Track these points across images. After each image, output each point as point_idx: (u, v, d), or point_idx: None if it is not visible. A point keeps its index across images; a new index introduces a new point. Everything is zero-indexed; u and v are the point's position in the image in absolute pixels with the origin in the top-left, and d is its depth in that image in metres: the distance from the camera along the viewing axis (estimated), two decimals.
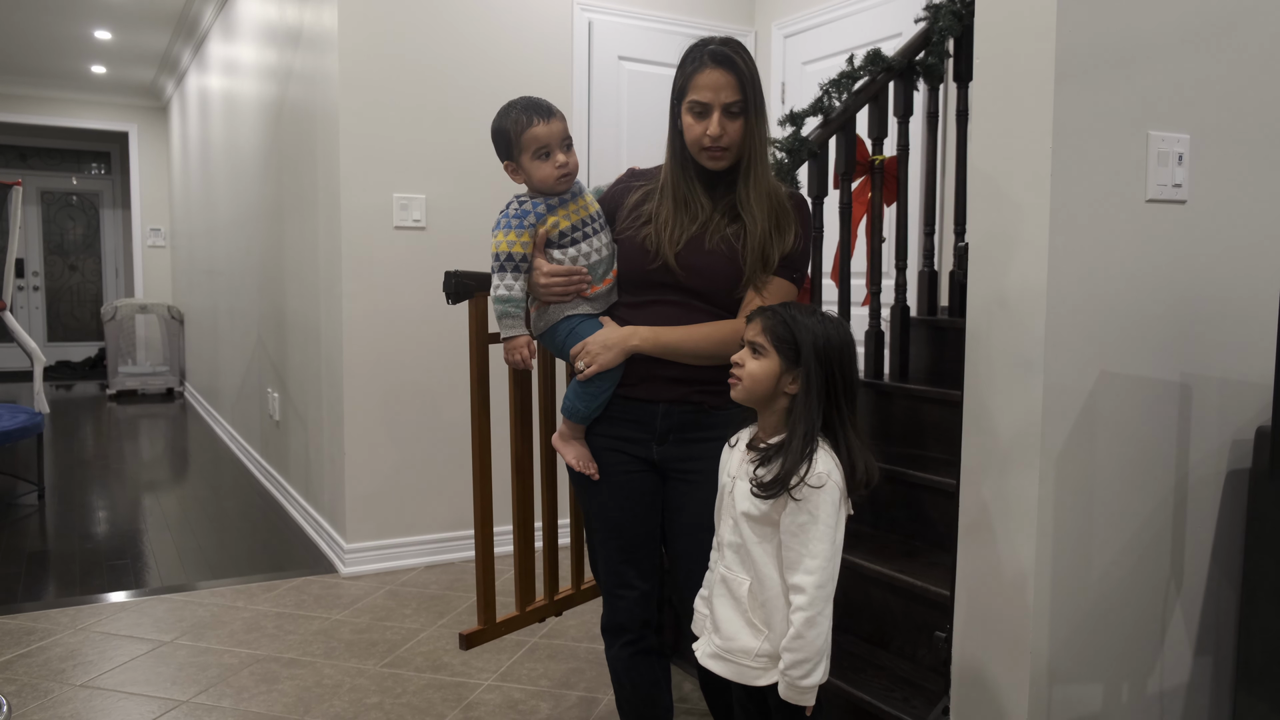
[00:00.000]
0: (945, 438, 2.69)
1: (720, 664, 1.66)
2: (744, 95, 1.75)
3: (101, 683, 2.71)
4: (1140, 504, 1.86)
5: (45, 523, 4.41)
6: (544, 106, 1.87)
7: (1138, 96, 1.76)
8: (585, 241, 1.87)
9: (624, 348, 1.82)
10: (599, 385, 1.86)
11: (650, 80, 4.04)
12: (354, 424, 3.65)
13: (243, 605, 3.33)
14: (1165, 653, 1.94)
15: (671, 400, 1.85)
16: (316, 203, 3.91)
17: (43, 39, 7.25)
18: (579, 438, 1.93)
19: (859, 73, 2.83)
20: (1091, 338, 1.76)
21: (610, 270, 1.90)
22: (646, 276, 1.85)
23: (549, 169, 1.86)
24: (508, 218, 1.88)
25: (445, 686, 2.70)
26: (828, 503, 1.55)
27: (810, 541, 1.54)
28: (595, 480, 1.92)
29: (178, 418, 7.57)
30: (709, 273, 1.82)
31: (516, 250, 1.86)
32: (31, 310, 10.65)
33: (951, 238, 3.08)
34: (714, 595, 1.69)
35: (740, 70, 1.75)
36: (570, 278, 1.85)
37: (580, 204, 1.90)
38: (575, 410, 1.89)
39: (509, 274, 1.87)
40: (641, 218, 1.87)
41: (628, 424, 1.89)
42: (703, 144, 1.78)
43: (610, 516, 1.92)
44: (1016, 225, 1.75)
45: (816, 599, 1.54)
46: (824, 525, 1.54)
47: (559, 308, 1.88)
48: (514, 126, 1.87)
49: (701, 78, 1.76)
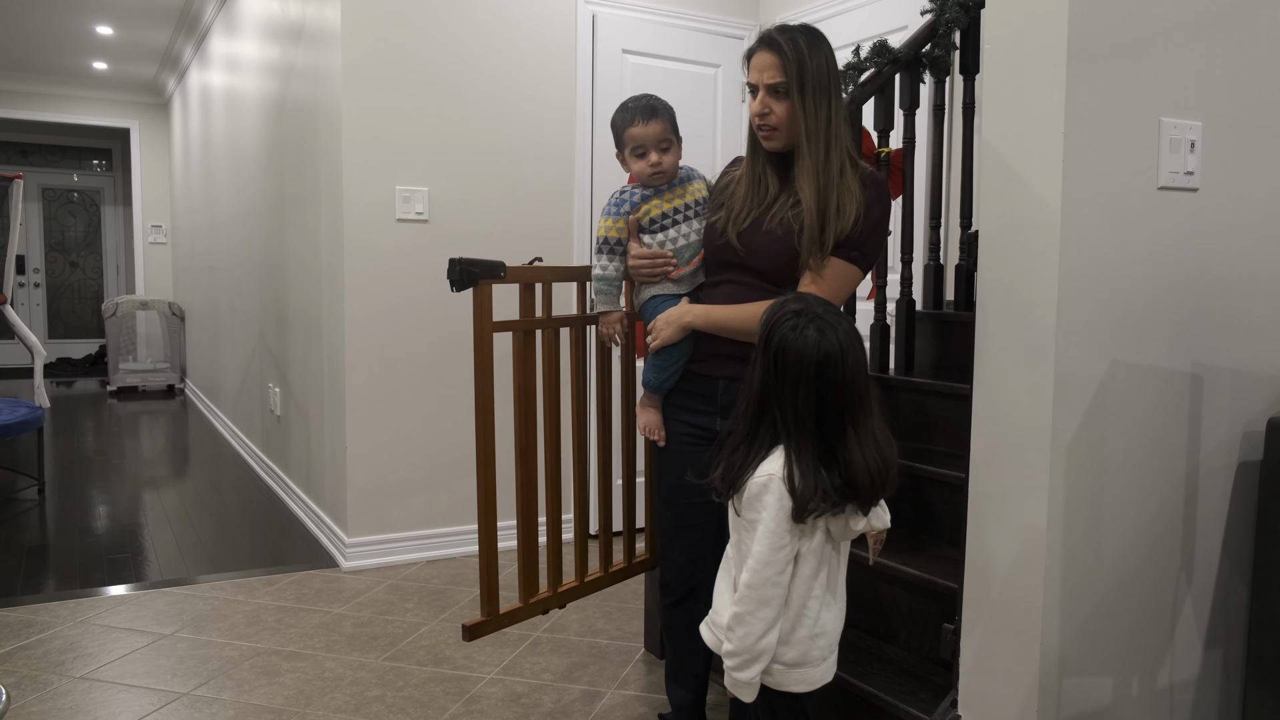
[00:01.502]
0: (951, 431, 2.68)
1: (706, 632, 1.71)
2: (787, 76, 1.83)
3: (101, 675, 2.69)
4: (1151, 495, 1.85)
5: (45, 517, 4.40)
6: (649, 108, 2.05)
7: (1150, 83, 1.74)
8: (674, 228, 2.05)
9: (680, 324, 1.97)
10: (667, 358, 2.04)
11: (655, 74, 4.03)
12: (355, 418, 3.64)
13: (243, 599, 3.31)
14: (1175, 645, 1.92)
15: (730, 376, 1.96)
16: (319, 196, 3.89)
17: (44, 35, 7.24)
18: (655, 407, 2.12)
19: (865, 65, 2.82)
20: (1103, 327, 1.74)
21: (696, 254, 2.06)
22: (717, 255, 1.99)
23: (643, 165, 2.05)
24: (609, 206, 2.10)
25: (447, 680, 2.68)
26: (773, 504, 1.55)
27: (753, 542, 1.57)
28: (660, 447, 2.11)
29: (178, 414, 7.55)
30: (766, 252, 1.92)
31: (613, 234, 2.08)
32: (32, 307, 10.64)
33: (957, 231, 3.06)
34: (720, 569, 1.73)
35: (783, 51, 1.83)
36: (655, 260, 2.02)
37: (679, 192, 2.08)
38: (649, 381, 2.10)
39: (604, 255, 2.10)
40: (722, 201, 2.02)
41: (694, 396, 2.05)
42: (754, 123, 1.90)
43: (666, 482, 2.10)
44: (1028, 212, 1.73)
45: (745, 598, 1.56)
46: (764, 527, 1.56)
47: (648, 287, 2.08)
48: (620, 124, 2.07)
49: (753, 59, 1.88)
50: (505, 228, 3.82)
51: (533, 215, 3.86)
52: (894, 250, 3.19)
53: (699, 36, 4.12)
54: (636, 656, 2.84)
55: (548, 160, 3.88)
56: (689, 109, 4.09)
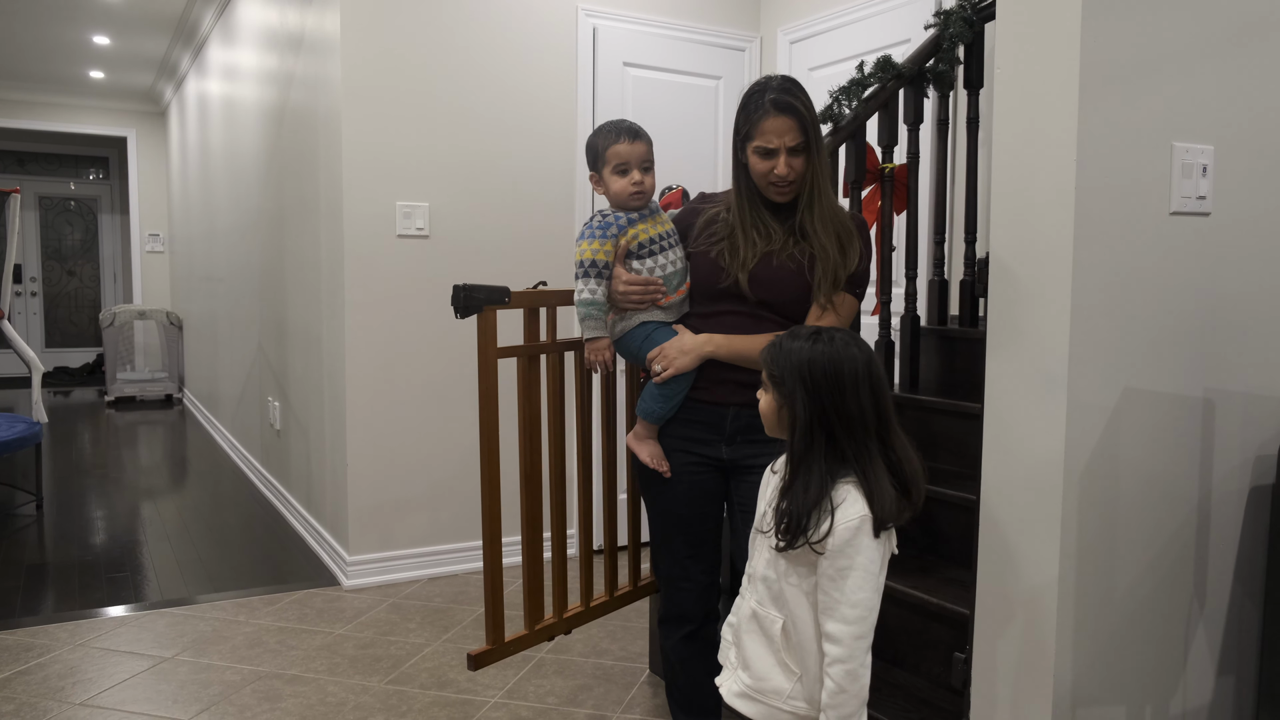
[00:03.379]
0: (958, 449, 2.66)
1: (749, 704, 1.59)
2: (806, 136, 1.87)
3: (101, 701, 2.67)
4: (1163, 522, 1.83)
5: (44, 534, 4.37)
6: (632, 130, 2.03)
7: (1162, 107, 1.73)
8: (662, 254, 2.01)
9: (699, 353, 1.95)
10: (674, 388, 1.99)
11: (655, 86, 4.01)
12: (356, 434, 3.61)
13: (244, 619, 3.28)
14: (1188, 672, 1.90)
15: (741, 403, 1.96)
16: (318, 210, 3.87)
17: (41, 44, 7.21)
18: (653, 437, 2.07)
19: (869, 80, 2.80)
20: (1116, 354, 1.72)
21: (684, 282, 2.03)
22: (719, 291, 1.98)
23: (624, 184, 2.01)
24: (592, 229, 2.03)
25: (451, 704, 2.65)
26: (866, 546, 1.47)
27: (849, 589, 1.46)
28: (666, 478, 2.05)
29: (176, 425, 7.52)
30: (778, 286, 1.94)
31: (600, 258, 2.00)
32: (29, 316, 10.60)
33: (962, 247, 3.04)
34: (743, 630, 1.62)
35: (801, 114, 1.87)
36: (646, 287, 1.99)
37: (658, 220, 2.05)
38: (651, 411, 2.03)
39: (592, 279, 2.01)
40: (715, 235, 2.00)
41: (698, 425, 2.02)
42: (770, 180, 1.90)
43: (678, 513, 2.06)
44: (1039, 238, 1.71)
45: (856, 650, 1.46)
46: (863, 571, 1.46)
47: (634, 314, 2.02)
48: (602, 141, 2.03)
49: (767, 124, 1.87)
50: (507, 244, 3.80)
51: (534, 231, 3.84)
52: (898, 266, 3.18)
53: (700, 49, 4.10)
54: (642, 678, 2.82)
55: (549, 175, 3.86)
56: (690, 121, 4.08)
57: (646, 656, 2.96)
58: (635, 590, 2.53)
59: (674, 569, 2.10)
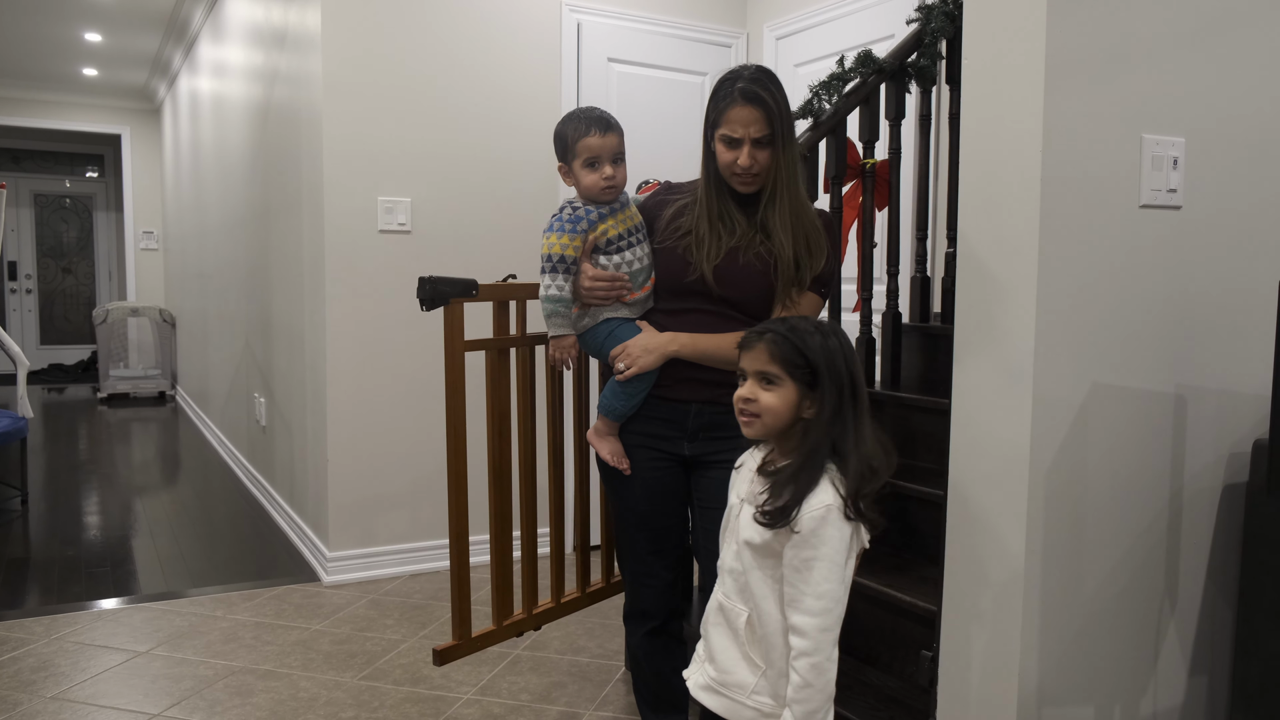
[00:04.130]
0: (937, 447, 2.63)
1: (713, 698, 1.57)
2: (772, 129, 1.84)
3: (73, 695, 2.65)
4: (1133, 520, 1.80)
5: (28, 529, 4.35)
6: (604, 120, 1.96)
7: (1131, 99, 1.71)
8: (629, 250, 1.97)
9: (663, 352, 1.93)
10: (637, 386, 1.96)
11: (640, 82, 3.99)
12: (337, 430, 3.59)
13: (221, 614, 3.26)
14: (1159, 673, 1.88)
15: (704, 401, 1.95)
16: (300, 205, 3.85)
17: (33, 41, 7.20)
18: (614, 434, 2.04)
19: (849, 75, 2.78)
20: (1082, 348, 1.70)
21: (649, 278, 2.00)
22: (684, 287, 1.95)
23: (596, 178, 1.95)
24: (561, 221, 1.98)
25: (423, 700, 2.63)
26: (834, 536, 1.45)
27: (815, 580, 1.44)
28: (626, 475, 2.03)
29: (168, 421, 7.50)
30: (743, 285, 1.91)
31: (568, 253, 1.96)
32: (24, 313, 10.59)
33: (944, 243, 3.02)
34: (709, 624, 1.60)
35: (768, 106, 1.83)
36: (613, 283, 1.96)
37: (627, 214, 2.00)
38: (612, 408, 2.00)
39: (560, 275, 1.97)
40: (680, 230, 1.96)
41: (661, 422, 1.99)
42: (734, 170, 1.87)
43: (639, 509, 2.04)
44: (1006, 231, 1.69)
45: (822, 643, 1.44)
46: (829, 562, 1.44)
47: (599, 310, 1.99)
48: (572, 133, 1.96)
49: (733, 113, 1.84)
50: (489, 238, 3.78)
51: (517, 226, 3.81)
52: (879, 262, 3.16)
53: (686, 45, 4.08)
54: (617, 676, 2.80)
55: (532, 170, 3.84)
56: (675, 118, 4.06)
57: (623, 654, 2.93)
58: (608, 586, 2.51)
59: (636, 565, 2.09)
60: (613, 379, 1.99)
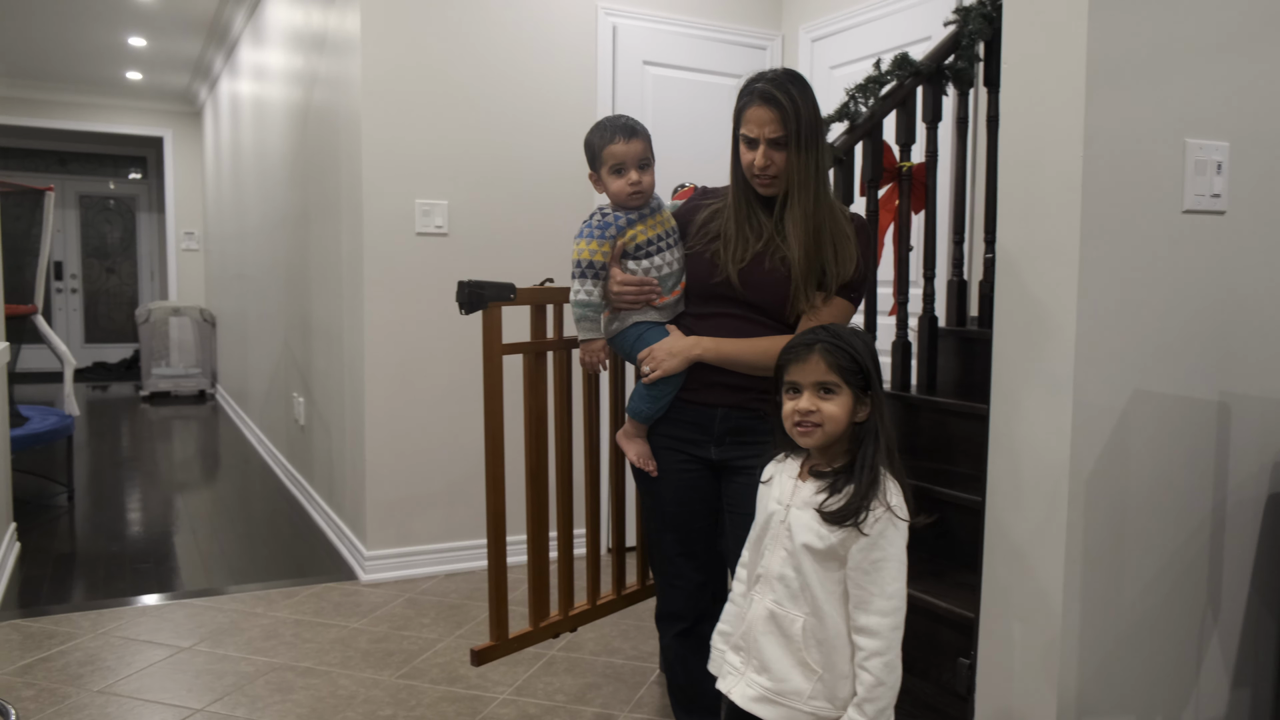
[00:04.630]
0: (974, 453, 2.62)
1: (768, 708, 1.56)
2: (786, 130, 1.84)
3: (118, 689, 2.70)
4: (1175, 529, 1.79)
5: (74, 525, 4.45)
6: (628, 127, 1.99)
7: (1174, 103, 1.69)
8: (659, 255, 1.98)
9: (687, 356, 1.94)
10: (662, 389, 1.98)
11: (675, 85, 4.00)
12: (375, 430, 3.64)
13: (262, 611, 3.32)
14: (1201, 684, 1.86)
15: (730, 405, 1.96)
16: (340, 208, 3.90)
17: (79, 46, 7.35)
18: (641, 436, 2.07)
19: (886, 77, 2.77)
20: (1124, 355, 1.69)
21: (679, 283, 2.01)
22: (711, 290, 1.97)
23: (622, 184, 1.98)
24: (590, 227, 2.01)
25: (460, 700, 2.66)
26: (899, 536, 1.49)
27: (884, 580, 1.47)
28: (654, 477, 2.06)
29: (209, 420, 7.63)
30: (768, 288, 1.92)
31: (597, 259, 1.99)
32: (70, 312, 10.81)
33: (981, 246, 3.00)
34: (758, 633, 1.58)
35: (784, 107, 1.84)
36: (641, 288, 1.98)
37: (658, 219, 2.02)
38: (639, 411, 2.03)
39: (589, 280, 2.00)
40: (709, 234, 1.99)
41: (687, 425, 2.01)
42: (752, 171, 1.89)
43: (667, 511, 2.06)
44: (1046, 237, 1.68)
45: (893, 642, 1.47)
46: (896, 562, 1.48)
47: (628, 314, 2.02)
48: (599, 141, 2.00)
49: (750, 113, 1.87)
50: (525, 241, 3.81)
51: (552, 229, 3.84)
52: (916, 266, 3.14)
53: (721, 47, 4.08)
54: (652, 678, 2.81)
55: (568, 173, 3.86)
56: (710, 120, 4.06)
57: (658, 656, 2.94)
58: (644, 589, 2.52)
59: (666, 566, 2.11)
60: (639, 382, 2.02)
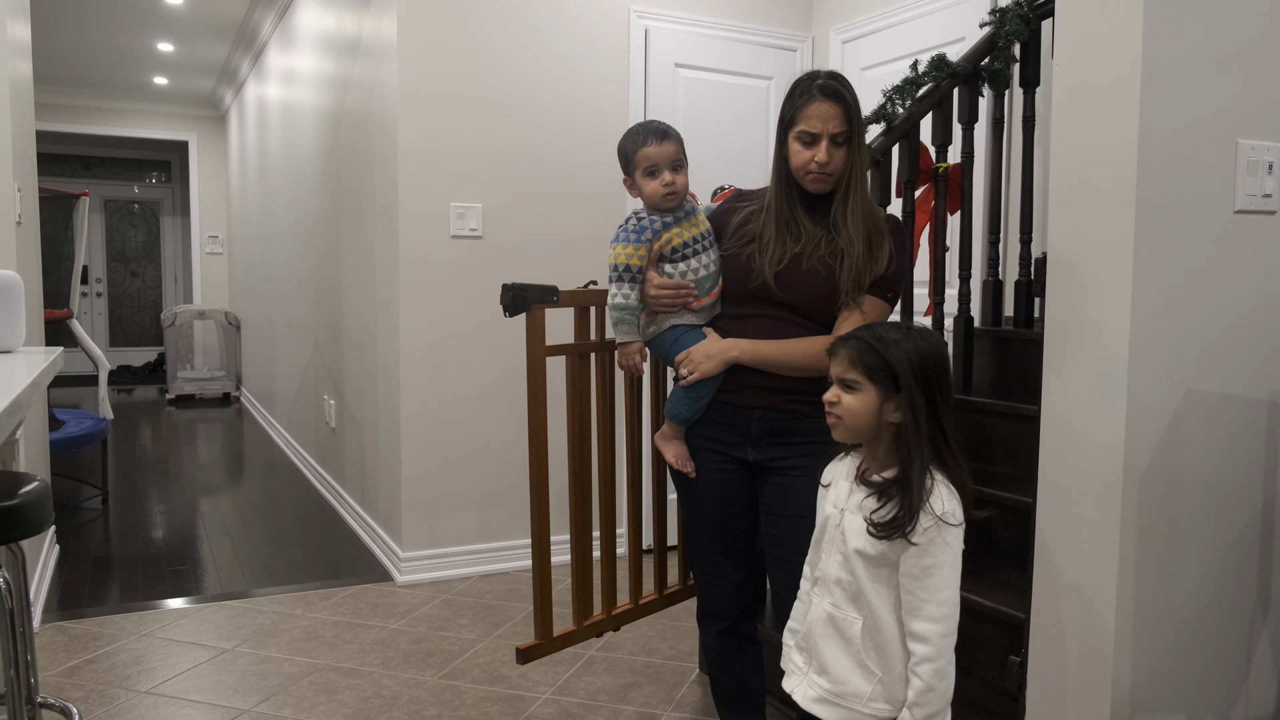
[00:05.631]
0: (1011, 452, 2.62)
1: (828, 709, 1.57)
2: (849, 126, 1.87)
3: (166, 689, 2.74)
4: (1226, 527, 1.79)
5: (109, 527, 4.50)
6: (660, 130, 2.01)
7: (1226, 103, 1.69)
8: (695, 258, 2.00)
9: (724, 358, 1.95)
10: (700, 391, 1.99)
11: (707, 87, 4.01)
12: (410, 432, 3.67)
13: (301, 613, 3.35)
14: (1251, 682, 1.86)
15: (767, 407, 1.96)
16: (374, 211, 3.94)
17: (108, 51, 7.43)
18: (679, 438, 2.08)
19: (923, 79, 2.77)
20: (1176, 354, 1.69)
21: (715, 285, 2.02)
22: (748, 292, 1.98)
23: (656, 186, 1.99)
24: (626, 232, 2.03)
25: (502, 699, 2.68)
26: (952, 543, 1.48)
27: (935, 587, 1.47)
28: (692, 478, 2.07)
29: (234, 422, 7.69)
30: (806, 290, 1.92)
31: (634, 262, 2.01)
32: (95, 316, 10.92)
33: (1017, 247, 3.00)
34: (817, 635, 1.60)
35: (847, 103, 1.87)
36: (678, 291, 1.99)
37: (693, 222, 2.03)
38: (677, 413, 2.04)
39: (626, 284, 2.02)
40: (745, 237, 1.99)
41: (725, 427, 2.02)
42: (809, 169, 1.89)
43: (706, 511, 2.08)
44: (1099, 237, 1.69)
45: (944, 648, 1.47)
46: (949, 569, 1.48)
47: (666, 317, 2.03)
48: (631, 145, 2.01)
49: (811, 109, 1.87)
50: (559, 244, 3.83)
51: (586, 231, 3.86)
52: (952, 266, 3.14)
53: (752, 49, 4.10)
54: (691, 677, 2.83)
55: (601, 175, 3.88)
56: (740, 122, 4.08)
57: (696, 655, 2.96)
58: (685, 589, 2.54)
59: (706, 566, 2.12)
60: (677, 384, 2.03)
